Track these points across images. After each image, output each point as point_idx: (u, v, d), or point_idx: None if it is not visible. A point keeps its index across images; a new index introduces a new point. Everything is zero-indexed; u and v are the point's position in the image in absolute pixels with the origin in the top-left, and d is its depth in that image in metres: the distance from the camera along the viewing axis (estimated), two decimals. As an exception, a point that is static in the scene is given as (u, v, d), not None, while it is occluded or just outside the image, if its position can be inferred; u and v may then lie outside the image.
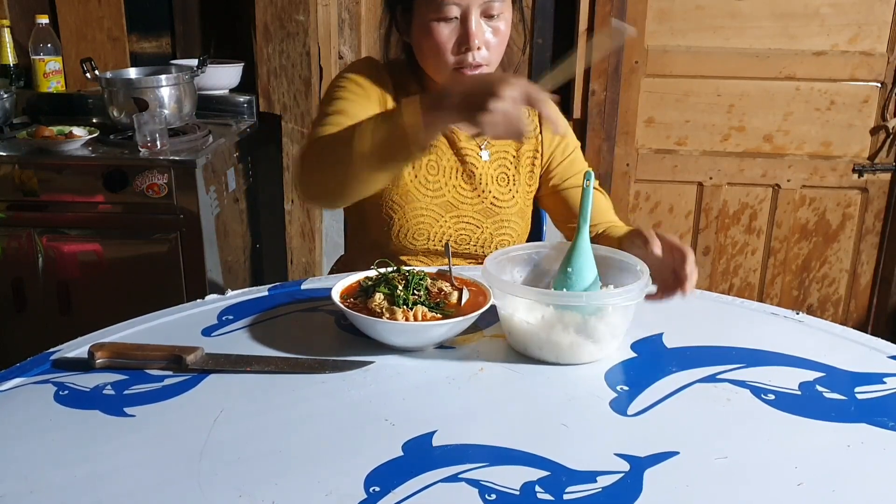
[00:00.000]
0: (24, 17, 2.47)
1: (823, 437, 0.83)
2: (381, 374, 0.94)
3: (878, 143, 2.44)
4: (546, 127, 1.40)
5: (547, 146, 1.41)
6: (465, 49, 1.22)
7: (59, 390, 0.90)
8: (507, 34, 1.27)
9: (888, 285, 2.56)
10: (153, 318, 1.09)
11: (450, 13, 1.20)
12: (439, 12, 1.20)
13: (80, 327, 1.08)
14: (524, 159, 1.40)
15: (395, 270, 1.09)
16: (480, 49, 1.22)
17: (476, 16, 1.21)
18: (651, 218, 2.57)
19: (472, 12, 1.21)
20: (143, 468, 0.76)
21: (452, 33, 1.22)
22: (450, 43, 1.22)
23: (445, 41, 1.22)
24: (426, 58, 1.27)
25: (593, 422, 0.85)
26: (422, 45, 1.26)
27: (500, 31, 1.25)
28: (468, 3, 1.20)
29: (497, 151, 1.38)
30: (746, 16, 2.35)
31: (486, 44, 1.23)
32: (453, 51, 1.23)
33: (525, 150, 1.40)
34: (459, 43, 1.22)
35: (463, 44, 1.22)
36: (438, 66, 1.25)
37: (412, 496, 0.71)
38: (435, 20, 1.21)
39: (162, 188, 2.00)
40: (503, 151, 1.39)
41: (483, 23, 1.23)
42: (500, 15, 1.24)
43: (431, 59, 1.25)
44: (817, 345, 1.04)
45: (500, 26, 1.24)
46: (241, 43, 2.50)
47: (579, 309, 0.96)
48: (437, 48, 1.23)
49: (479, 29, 1.22)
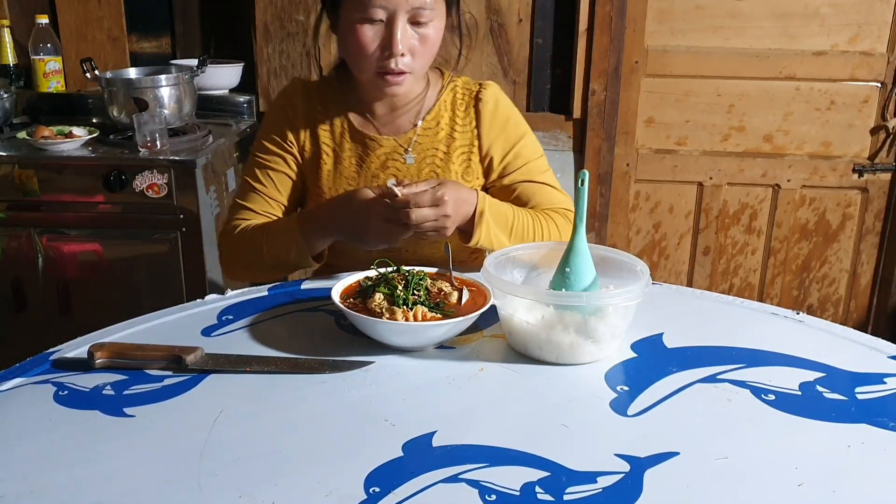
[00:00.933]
0: (24, 17, 2.47)
1: (824, 438, 0.83)
2: (381, 375, 0.94)
3: (878, 143, 2.44)
4: (483, 117, 1.35)
5: (485, 138, 1.35)
6: (388, 54, 1.19)
7: (59, 390, 0.90)
8: (437, 42, 1.24)
9: (888, 285, 2.56)
10: (153, 318, 1.09)
11: (375, 15, 1.17)
12: (364, 13, 1.17)
13: (80, 327, 1.07)
14: (456, 155, 1.35)
15: (395, 270, 1.09)
16: (405, 56, 1.19)
17: (403, 21, 1.18)
18: (651, 218, 2.57)
19: (398, 17, 1.17)
20: (143, 468, 0.76)
21: (377, 36, 1.19)
22: (373, 45, 1.19)
23: (369, 43, 1.19)
24: (349, 57, 1.25)
25: (593, 422, 0.85)
26: (346, 45, 1.23)
27: (427, 38, 1.21)
28: (395, 8, 1.16)
29: (425, 150, 1.34)
30: (746, 16, 2.35)
31: (410, 50, 1.20)
32: (376, 54, 1.20)
33: (457, 146, 1.34)
34: (383, 47, 1.19)
35: (386, 48, 1.19)
36: (361, 67, 1.23)
37: (412, 497, 0.71)
38: (360, 21, 1.18)
39: (162, 188, 2.00)
40: (432, 149, 1.34)
41: (410, 28, 1.19)
42: (429, 22, 1.20)
43: (354, 59, 1.24)
44: (817, 345, 1.04)
45: (429, 33, 1.21)
46: (241, 43, 2.50)
47: (579, 309, 0.96)
48: (359, 49, 1.20)
49: (404, 35, 1.18)
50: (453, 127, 1.35)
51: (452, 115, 1.35)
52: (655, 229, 2.59)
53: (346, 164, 1.32)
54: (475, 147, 1.35)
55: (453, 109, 1.35)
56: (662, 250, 2.61)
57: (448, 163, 1.34)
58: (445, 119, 1.35)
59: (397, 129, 1.34)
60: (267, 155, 1.35)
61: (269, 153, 1.35)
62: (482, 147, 1.35)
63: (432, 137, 1.34)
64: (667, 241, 2.60)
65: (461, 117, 1.35)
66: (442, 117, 1.35)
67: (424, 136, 1.34)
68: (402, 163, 1.33)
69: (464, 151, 1.35)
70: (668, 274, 2.63)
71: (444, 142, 1.34)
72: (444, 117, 1.35)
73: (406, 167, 1.33)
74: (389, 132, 1.34)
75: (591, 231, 2.53)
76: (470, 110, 1.35)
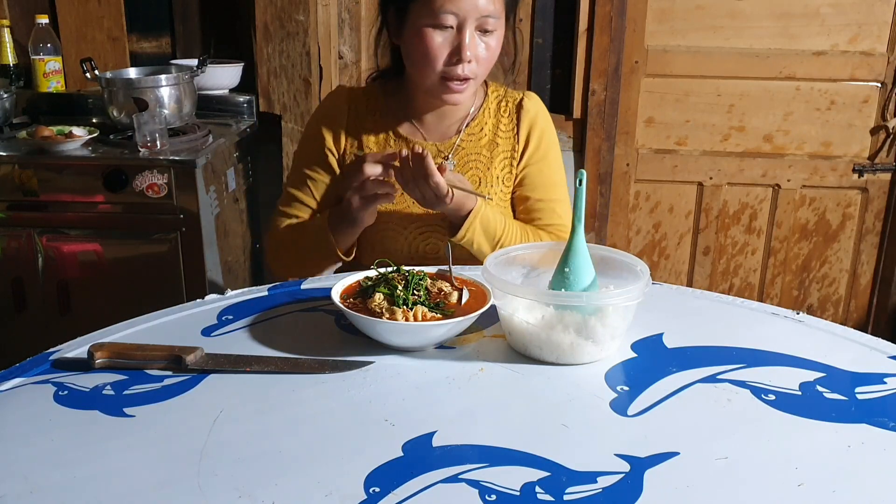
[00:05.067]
0: (24, 17, 2.47)
1: (824, 438, 0.83)
2: (380, 375, 0.94)
3: (878, 143, 2.44)
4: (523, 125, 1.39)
5: (522, 141, 1.39)
6: (456, 60, 1.21)
7: (59, 390, 0.90)
8: (497, 52, 1.27)
9: (888, 285, 2.56)
10: (153, 318, 1.09)
11: (446, 21, 1.20)
12: (435, 19, 1.20)
13: (80, 327, 1.07)
14: (498, 161, 1.38)
15: (395, 270, 1.09)
16: (471, 62, 1.22)
17: (472, 28, 1.21)
18: (651, 218, 2.57)
19: (468, 24, 1.20)
20: (142, 468, 0.76)
21: (445, 42, 1.21)
22: (442, 51, 1.22)
23: (438, 49, 1.22)
24: (415, 63, 1.26)
25: (593, 422, 0.85)
26: (412, 50, 1.25)
27: (490, 47, 1.24)
28: (465, 15, 1.19)
29: (468, 154, 1.37)
30: (746, 16, 2.35)
31: (476, 58, 1.23)
32: (444, 60, 1.22)
33: (500, 152, 1.38)
34: (452, 53, 1.22)
35: (455, 55, 1.21)
36: (426, 73, 1.25)
37: (412, 497, 0.71)
38: (429, 26, 1.21)
39: (162, 188, 2.00)
40: (474, 154, 1.37)
41: (477, 36, 1.22)
42: (494, 31, 1.23)
43: (420, 64, 1.25)
44: (817, 345, 1.04)
45: (492, 42, 1.24)
46: (241, 43, 2.50)
47: (579, 309, 0.96)
48: (428, 55, 1.22)
49: (472, 42, 1.21)
50: (496, 133, 1.38)
51: (496, 122, 1.38)
52: (655, 229, 2.59)
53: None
54: (516, 153, 1.39)
55: (497, 116, 1.39)
56: (662, 250, 2.61)
57: (490, 168, 1.38)
58: (489, 125, 1.38)
59: (442, 136, 1.37)
60: (308, 164, 1.39)
61: (310, 162, 1.39)
62: (520, 151, 1.40)
63: (475, 143, 1.37)
64: (667, 241, 2.60)
65: (504, 124, 1.39)
66: (486, 124, 1.38)
67: (468, 142, 1.37)
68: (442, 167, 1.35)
69: (505, 157, 1.39)
70: (668, 274, 2.63)
71: (486, 147, 1.38)
72: (487, 123, 1.38)
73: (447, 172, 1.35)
74: (435, 139, 1.36)
75: (591, 231, 2.53)
76: (513, 117, 1.39)
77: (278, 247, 1.41)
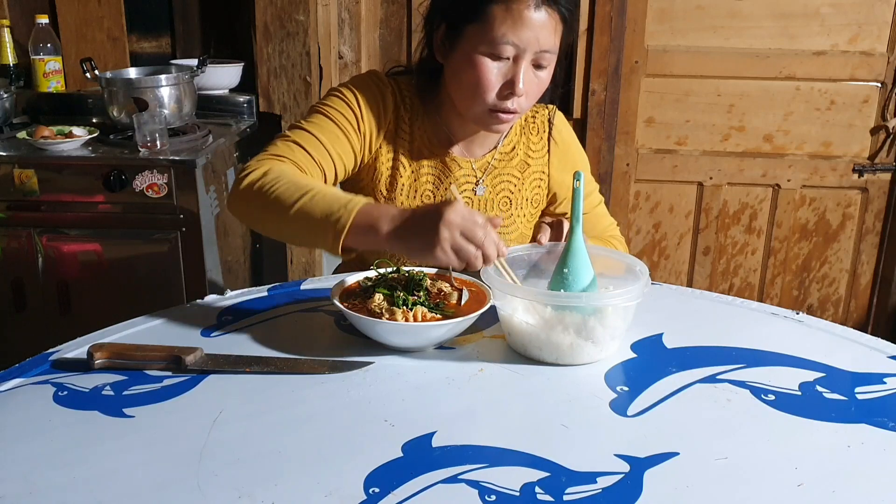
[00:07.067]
0: (24, 17, 2.47)
1: (823, 438, 0.83)
2: (380, 375, 0.94)
3: (878, 143, 2.44)
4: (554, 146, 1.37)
5: (555, 166, 1.37)
6: (508, 93, 1.16)
7: (59, 391, 0.90)
8: (545, 87, 1.23)
9: (888, 285, 2.56)
10: (153, 318, 1.09)
11: (503, 52, 1.14)
12: (493, 48, 1.14)
13: (80, 327, 1.07)
14: (529, 181, 1.36)
15: (394, 271, 1.09)
16: (522, 96, 1.17)
17: (528, 61, 1.16)
18: (651, 218, 2.57)
19: (525, 56, 1.15)
20: (142, 469, 0.76)
21: (500, 73, 1.16)
22: (496, 83, 1.16)
23: (492, 81, 1.16)
24: (463, 90, 1.20)
25: (593, 422, 0.85)
26: (462, 77, 1.18)
27: (542, 81, 1.20)
28: (525, 47, 1.14)
29: (500, 174, 1.34)
30: (746, 16, 2.35)
31: (527, 92, 1.18)
32: (495, 91, 1.16)
33: (531, 172, 1.36)
34: (505, 85, 1.16)
35: (508, 87, 1.16)
36: (474, 102, 1.19)
37: (412, 497, 0.71)
38: (486, 55, 1.15)
39: (162, 188, 2.00)
40: (507, 174, 1.34)
41: (531, 70, 1.17)
42: (547, 66, 1.19)
43: (469, 93, 1.18)
44: (817, 345, 1.04)
45: (544, 76, 1.20)
46: (241, 43, 2.50)
47: (579, 309, 0.96)
48: (480, 84, 1.16)
49: (527, 75, 1.16)
50: (528, 153, 1.36)
51: (527, 141, 1.36)
52: (655, 229, 2.59)
53: (424, 181, 1.31)
54: (546, 174, 1.38)
55: (527, 135, 1.37)
56: (662, 250, 2.61)
57: (521, 189, 1.36)
58: (521, 145, 1.36)
59: (476, 152, 1.34)
60: (340, 112, 1.23)
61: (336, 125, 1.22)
62: (551, 175, 1.38)
63: (507, 163, 1.35)
64: (667, 241, 2.60)
65: (535, 142, 1.37)
66: (518, 143, 1.36)
67: (501, 161, 1.34)
68: (473, 194, 1.33)
69: (537, 178, 1.37)
70: (668, 274, 2.63)
71: (517, 167, 1.36)
72: (520, 143, 1.36)
73: (476, 197, 1.34)
74: (470, 154, 1.33)
75: (591, 231, 2.52)
76: (543, 135, 1.37)
77: (262, 182, 1.10)
